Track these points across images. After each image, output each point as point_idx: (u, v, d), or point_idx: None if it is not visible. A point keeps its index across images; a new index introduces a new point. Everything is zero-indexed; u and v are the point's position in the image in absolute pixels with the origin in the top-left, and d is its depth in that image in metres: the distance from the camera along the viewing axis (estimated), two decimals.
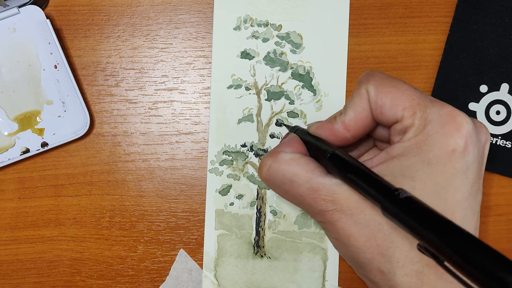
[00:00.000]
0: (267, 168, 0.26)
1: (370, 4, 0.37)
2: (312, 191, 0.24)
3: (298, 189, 0.25)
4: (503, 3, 0.36)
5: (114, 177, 0.37)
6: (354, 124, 0.25)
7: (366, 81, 0.25)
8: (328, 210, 0.24)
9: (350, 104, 0.25)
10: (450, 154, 0.22)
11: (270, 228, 0.37)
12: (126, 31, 0.38)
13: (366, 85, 0.25)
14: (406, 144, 0.23)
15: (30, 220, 0.37)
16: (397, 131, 0.24)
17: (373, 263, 0.23)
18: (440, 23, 0.37)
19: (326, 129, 0.26)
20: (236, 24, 0.37)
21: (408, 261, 0.22)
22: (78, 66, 0.37)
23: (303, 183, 0.25)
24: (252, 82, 0.37)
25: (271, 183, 0.27)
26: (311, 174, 0.25)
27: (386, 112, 0.24)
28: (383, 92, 0.24)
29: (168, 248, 0.37)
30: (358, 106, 0.25)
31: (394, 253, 0.23)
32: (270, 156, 0.26)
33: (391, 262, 0.23)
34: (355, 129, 0.25)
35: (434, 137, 0.23)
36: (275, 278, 0.36)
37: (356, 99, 0.25)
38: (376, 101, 0.24)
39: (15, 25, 0.36)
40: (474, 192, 0.23)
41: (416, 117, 0.23)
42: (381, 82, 0.24)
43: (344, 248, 0.25)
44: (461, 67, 0.36)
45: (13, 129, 0.36)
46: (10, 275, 0.37)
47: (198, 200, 0.37)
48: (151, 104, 0.38)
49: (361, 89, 0.25)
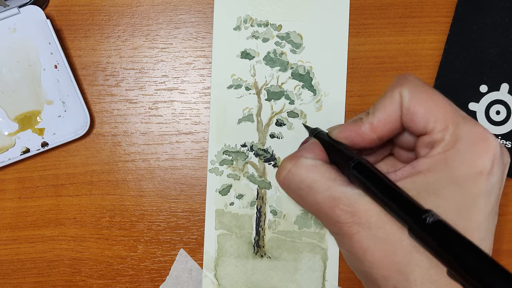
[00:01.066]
0: (287, 172, 0.25)
1: (370, 4, 0.37)
2: (330, 200, 0.24)
3: (316, 197, 0.24)
4: (503, 3, 0.36)
5: (114, 177, 0.37)
6: (383, 126, 0.24)
7: (400, 85, 0.24)
8: (346, 222, 0.23)
9: (380, 106, 0.25)
10: (477, 175, 0.22)
11: (270, 228, 0.37)
12: (126, 31, 0.38)
13: (400, 89, 0.24)
14: (434, 160, 0.23)
15: (30, 220, 0.37)
16: (425, 143, 0.24)
17: (389, 281, 0.22)
18: (440, 23, 0.37)
19: (351, 130, 0.25)
20: (236, 24, 0.37)
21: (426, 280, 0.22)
22: (78, 66, 0.37)
23: (322, 190, 0.24)
24: (252, 82, 0.37)
25: (288, 188, 0.26)
26: (332, 182, 0.24)
27: (417, 120, 0.23)
28: (418, 100, 0.23)
29: (168, 248, 0.37)
30: (389, 108, 0.24)
31: (413, 271, 0.22)
32: (291, 160, 0.25)
33: (409, 281, 0.22)
34: (382, 132, 0.24)
35: (463, 156, 0.22)
36: (275, 278, 0.37)
37: (388, 101, 0.24)
38: (409, 107, 0.23)
39: (15, 25, 0.36)
40: (493, 214, 0.23)
41: (447, 132, 0.23)
42: (417, 89, 0.24)
43: (358, 263, 0.24)
44: (461, 67, 0.36)
45: (13, 129, 0.37)
46: (10, 275, 0.37)
47: (198, 200, 0.37)
48: (151, 104, 0.38)
49: (395, 92, 0.24)
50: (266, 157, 0.37)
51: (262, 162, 0.37)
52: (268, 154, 0.37)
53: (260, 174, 0.37)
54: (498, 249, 0.37)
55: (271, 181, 0.37)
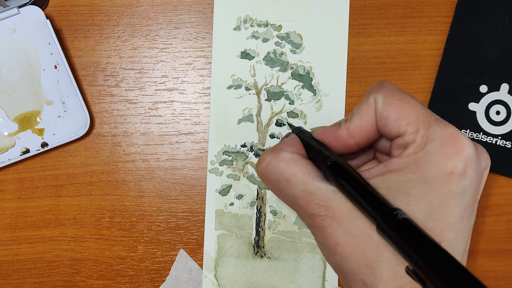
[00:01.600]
0: (266, 163, 0.26)
1: (370, 4, 0.37)
2: (306, 194, 0.25)
3: (293, 190, 0.25)
4: (503, 3, 0.36)
5: (114, 177, 0.37)
6: (359, 132, 0.25)
7: (375, 91, 0.25)
8: (320, 215, 0.24)
9: (356, 112, 0.25)
10: (447, 175, 0.22)
11: (270, 228, 0.37)
12: (126, 31, 0.38)
13: (375, 95, 0.25)
14: (405, 160, 0.23)
15: (30, 220, 0.37)
16: (398, 146, 0.24)
17: (358, 274, 0.23)
18: (440, 23, 0.37)
19: (330, 134, 0.26)
20: (236, 24, 0.37)
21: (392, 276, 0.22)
22: (78, 66, 0.37)
23: (299, 184, 0.25)
24: (252, 82, 0.37)
25: (266, 179, 0.27)
26: (308, 177, 0.25)
27: (390, 124, 0.24)
28: (391, 104, 0.24)
29: (168, 248, 0.37)
30: (364, 114, 0.25)
31: (380, 266, 0.22)
32: (271, 153, 0.26)
33: (375, 276, 0.23)
34: (359, 137, 0.25)
35: (433, 157, 0.23)
36: (275, 278, 0.37)
37: (364, 107, 0.25)
38: (382, 112, 0.24)
39: (15, 26, 0.36)
40: (467, 215, 0.23)
41: (418, 134, 0.23)
42: (390, 94, 0.24)
43: (330, 255, 0.25)
44: (461, 67, 0.36)
45: (13, 129, 0.36)
46: (10, 275, 0.37)
47: (198, 200, 0.37)
48: (151, 104, 0.38)
49: (370, 98, 0.25)
50: None
51: None
52: None
53: None
54: (498, 250, 0.37)
55: None
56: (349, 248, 0.23)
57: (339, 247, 0.23)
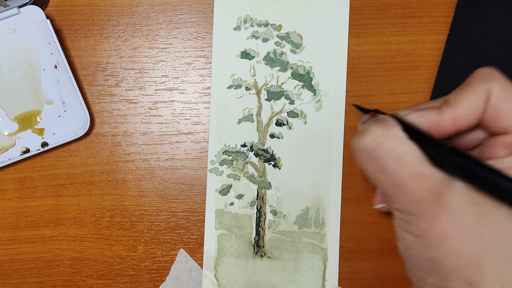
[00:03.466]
0: (374, 137, 0.23)
1: (370, 4, 0.37)
2: (418, 177, 0.23)
3: (402, 170, 0.23)
4: (503, 3, 0.36)
5: (114, 177, 0.37)
6: (464, 119, 0.23)
7: (488, 80, 0.23)
8: (430, 202, 0.22)
9: (464, 98, 0.23)
10: None
11: (270, 228, 0.37)
12: (126, 31, 0.38)
13: (489, 84, 0.23)
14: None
15: (30, 220, 0.37)
16: (504, 144, 0.23)
17: (461, 272, 0.22)
18: (440, 23, 0.37)
19: (430, 119, 0.24)
20: (236, 24, 0.37)
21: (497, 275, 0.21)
22: (78, 66, 0.37)
23: (411, 165, 0.23)
24: (252, 82, 0.37)
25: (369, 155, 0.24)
26: (421, 160, 0.23)
27: (503, 119, 0.23)
28: (508, 98, 0.23)
29: (168, 248, 0.37)
30: (473, 102, 0.23)
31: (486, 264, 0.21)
32: (380, 127, 0.24)
33: (481, 274, 0.21)
34: (462, 125, 0.24)
35: None
36: (275, 278, 0.37)
37: (473, 94, 0.23)
38: (496, 104, 0.23)
39: (15, 25, 0.36)
40: None
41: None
42: (506, 87, 0.23)
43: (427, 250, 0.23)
44: (461, 67, 0.36)
45: (13, 129, 0.37)
46: (10, 275, 0.37)
47: (198, 200, 0.37)
48: (151, 104, 0.38)
49: (482, 86, 0.23)
50: (266, 157, 0.37)
51: (262, 162, 0.37)
52: (268, 154, 0.37)
53: (260, 174, 0.37)
54: None
55: (271, 181, 0.37)
56: (457, 244, 0.22)
57: (446, 241, 0.22)
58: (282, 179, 0.37)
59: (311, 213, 0.37)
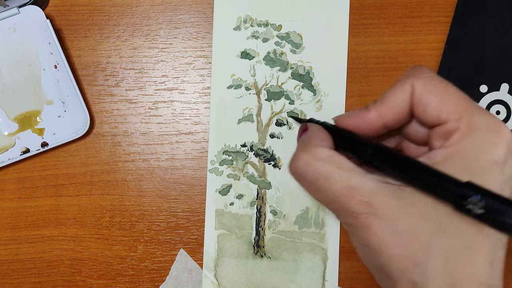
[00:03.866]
0: (302, 162, 0.25)
1: (370, 4, 0.37)
2: (348, 190, 0.23)
3: (333, 187, 0.24)
4: (503, 3, 0.36)
5: (114, 177, 0.37)
6: (390, 113, 0.24)
7: (413, 76, 0.24)
8: (363, 212, 0.23)
9: (389, 94, 0.25)
10: (493, 165, 0.22)
11: (270, 228, 0.37)
12: (126, 31, 0.38)
13: (413, 80, 0.24)
14: (449, 150, 0.23)
15: (30, 220, 0.37)
16: (440, 135, 0.24)
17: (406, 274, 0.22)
18: (440, 23, 0.37)
19: (357, 118, 0.25)
20: (236, 24, 0.37)
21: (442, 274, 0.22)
22: (78, 66, 0.37)
23: (339, 181, 0.24)
24: (252, 82, 0.37)
25: (303, 179, 0.25)
26: (349, 173, 0.24)
27: (430, 111, 0.23)
28: (431, 91, 0.23)
29: (168, 248, 0.37)
30: (397, 97, 0.24)
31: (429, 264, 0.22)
32: (305, 151, 0.25)
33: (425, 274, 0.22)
34: (388, 118, 0.25)
35: (478, 146, 0.22)
36: (275, 278, 0.37)
37: (398, 90, 0.24)
38: (421, 98, 0.24)
39: (15, 25, 0.36)
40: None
41: (461, 122, 0.22)
42: (430, 80, 0.24)
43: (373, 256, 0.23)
44: (461, 67, 0.36)
45: (13, 129, 0.37)
46: (10, 275, 0.37)
47: (198, 200, 0.37)
48: (151, 104, 0.38)
49: (406, 82, 0.24)
50: (266, 157, 0.37)
51: (262, 162, 0.37)
52: (268, 154, 0.37)
53: (260, 174, 0.37)
54: None
55: (271, 181, 0.37)
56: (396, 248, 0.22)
57: (384, 246, 0.22)
58: (282, 179, 0.37)
59: (311, 213, 0.37)
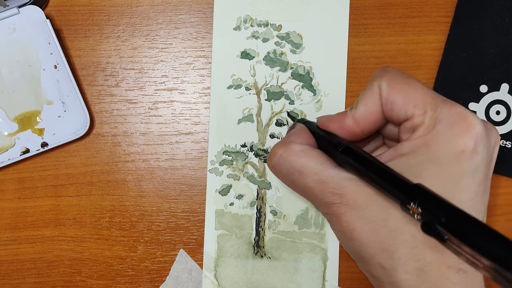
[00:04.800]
0: (278, 157, 0.26)
1: (370, 4, 0.37)
2: (320, 183, 0.25)
3: (306, 180, 0.25)
4: (503, 3, 0.36)
5: (114, 177, 0.37)
6: (364, 119, 0.25)
7: (379, 77, 0.25)
8: (335, 203, 0.24)
9: (361, 99, 0.25)
10: (459, 154, 0.22)
11: (270, 228, 0.37)
12: (126, 31, 0.38)
13: (379, 81, 0.25)
14: (415, 143, 0.23)
15: (30, 220, 0.37)
16: (407, 129, 0.24)
17: (375, 258, 0.23)
18: (440, 23, 0.37)
19: (336, 122, 0.26)
20: (236, 24, 0.37)
21: (409, 259, 0.22)
22: (78, 66, 0.37)
23: (311, 174, 0.25)
24: (252, 82, 0.37)
25: (279, 173, 0.27)
26: (321, 167, 0.25)
27: (396, 109, 0.24)
28: (395, 89, 0.24)
29: (168, 248, 0.37)
30: (369, 101, 0.25)
31: (397, 249, 0.23)
32: (281, 146, 0.26)
33: (393, 259, 0.23)
34: (365, 124, 0.25)
35: (443, 137, 0.23)
36: (275, 278, 0.36)
37: (368, 94, 0.25)
38: (387, 97, 0.24)
39: (15, 25, 0.36)
40: (481, 193, 0.23)
41: (426, 115, 0.23)
42: (394, 79, 0.24)
43: (347, 242, 0.25)
44: (461, 67, 0.36)
45: (13, 129, 0.36)
46: (10, 275, 0.37)
47: (198, 200, 0.37)
48: (151, 104, 0.38)
49: (374, 84, 0.25)
50: (266, 157, 0.37)
51: (262, 162, 0.37)
52: (268, 154, 0.37)
53: (260, 174, 0.37)
54: None
55: (271, 181, 0.37)
56: (365, 233, 0.23)
57: (355, 233, 0.24)
58: None
59: (311, 213, 0.37)
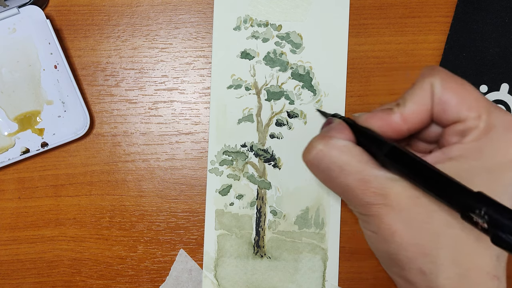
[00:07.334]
0: (316, 151, 0.25)
1: (370, 4, 0.37)
2: (362, 182, 0.24)
3: (347, 178, 0.24)
4: (503, 3, 0.36)
5: (114, 177, 0.37)
6: (414, 117, 0.24)
7: (430, 75, 0.24)
8: (377, 203, 0.23)
9: (411, 96, 0.24)
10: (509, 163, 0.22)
11: (270, 228, 0.37)
12: (126, 31, 0.38)
13: (431, 79, 0.24)
14: (467, 147, 0.22)
15: (30, 220, 0.37)
16: (457, 132, 0.23)
17: (415, 263, 0.23)
18: (440, 23, 0.37)
19: (381, 120, 0.25)
20: (236, 24, 0.37)
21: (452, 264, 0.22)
22: (78, 66, 0.37)
23: (354, 173, 0.24)
24: (252, 82, 0.37)
25: (316, 168, 0.26)
26: (364, 165, 0.24)
27: (449, 109, 0.23)
28: (450, 89, 0.23)
29: (168, 248, 0.37)
30: (420, 98, 0.24)
31: (439, 254, 0.22)
32: (321, 140, 0.25)
33: (435, 263, 0.22)
34: (413, 123, 0.24)
35: (497, 143, 0.22)
36: (275, 278, 0.36)
37: (419, 91, 0.24)
38: (441, 97, 0.23)
39: (15, 25, 0.36)
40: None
41: (481, 120, 0.22)
42: (448, 78, 0.23)
43: (383, 244, 0.24)
44: (461, 67, 0.36)
45: (13, 129, 0.36)
46: (10, 275, 0.37)
47: (198, 200, 0.37)
48: (151, 104, 0.38)
49: (425, 82, 0.24)
50: (266, 157, 0.37)
51: (262, 162, 0.37)
52: (268, 154, 0.37)
53: (260, 174, 0.37)
54: None
55: (271, 181, 0.37)
56: (407, 237, 0.22)
57: (396, 235, 0.23)
58: (282, 179, 0.37)
59: (311, 213, 0.37)
